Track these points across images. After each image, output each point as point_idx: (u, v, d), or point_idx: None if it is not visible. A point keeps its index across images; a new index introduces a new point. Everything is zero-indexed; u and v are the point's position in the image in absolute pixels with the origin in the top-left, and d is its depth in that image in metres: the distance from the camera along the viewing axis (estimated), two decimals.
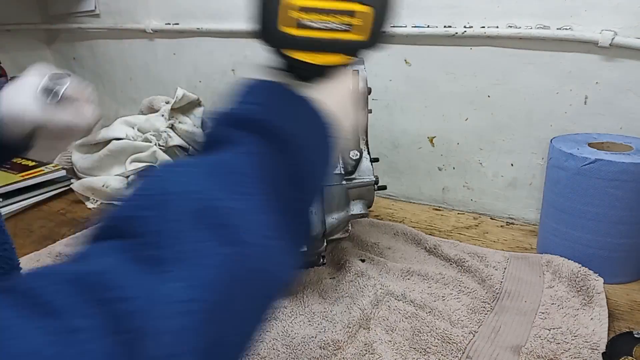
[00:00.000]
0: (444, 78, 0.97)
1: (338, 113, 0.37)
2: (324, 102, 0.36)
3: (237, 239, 0.26)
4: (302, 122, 0.34)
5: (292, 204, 0.31)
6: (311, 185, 0.33)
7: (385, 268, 0.76)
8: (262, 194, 0.29)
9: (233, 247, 0.25)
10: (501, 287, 0.71)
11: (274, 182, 0.30)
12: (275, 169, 0.30)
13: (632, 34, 0.78)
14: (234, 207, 0.27)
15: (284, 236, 0.29)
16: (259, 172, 0.29)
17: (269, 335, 0.62)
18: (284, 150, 0.31)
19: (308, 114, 0.35)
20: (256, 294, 0.27)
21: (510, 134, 0.93)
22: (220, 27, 1.22)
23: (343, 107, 0.40)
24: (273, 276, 0.29)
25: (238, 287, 0.25)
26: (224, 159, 0.30)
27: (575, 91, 0.85)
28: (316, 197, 0.36)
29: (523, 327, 0.63)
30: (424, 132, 1.03)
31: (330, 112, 0.36)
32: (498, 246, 0.85)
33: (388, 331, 0.63)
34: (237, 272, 0.25)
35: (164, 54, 1.38)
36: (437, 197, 1.06)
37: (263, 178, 0.29)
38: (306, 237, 0.34)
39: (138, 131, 1.17)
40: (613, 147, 0.76)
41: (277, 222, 0.29)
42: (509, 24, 0.87)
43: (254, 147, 0.31)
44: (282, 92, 0.35)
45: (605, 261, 0.72)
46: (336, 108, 0.38)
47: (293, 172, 0.31)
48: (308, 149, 0.33)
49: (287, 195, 0.31)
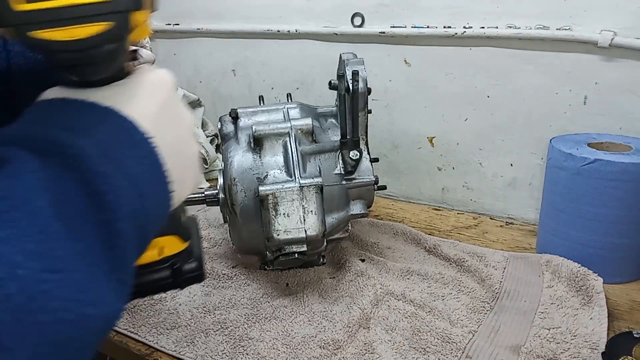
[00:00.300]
0: (443, 78, 0.97)
1: (149, 116, 0.31)
2: (122, 104, 0.30)
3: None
4: (89, 131, 0.28)
5: (92, 227, 0.25)
6: (121, 202, 0.27)
7: (385, 268, 0.76)
8: (30, 218, 0.23)
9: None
10: (501, 287, 0.71)
11: (56, 203, 0.24)
12: (58, 187, 0.25)
13: (632, 34, 0.78)
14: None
15: (76, 266, 0.24)
16: (27, 194, 0.24)
17: (269, 335, 0.62)
18: (68, 164, 0.26)
19: (94, 120, 0.29)
20: (40, 339, 0.22)
21: (510, 134, 0.94)
22: (220, 27, 1.22)
23: (157, 108, 0.33)
24: (61, 316, 0.22)
25: (8, 334, 0.20)
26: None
27: (575, 91, 0.85)
28: (148, 216, 0.29)
29: (522, 327, 0.63)
30: (424, 132, 1.03)
31: (136, 115, 0.30)
32: (497, 246, 0.85)
33: (388, 331, 0.63)
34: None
35: (164, 54, 1.38)
36: (437, 197, 1.06)
37: (31, 200, 0.24)
38: (128, 259, 0.27)
39: None
40: (612, 147, 0.76)
41: (62, 249, 0.23)
42: (509, 24, 0.88)
43: (22, 164, 0.25)
44: (61, 102, 0.30)
45: (605, 261, 0.72)
46: (144, 110, 0.31)
47: (87, 190, 0.26)
48: (104, 160, 0.27)
49: (82, 217, 0.25)
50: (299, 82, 1.16)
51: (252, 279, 0.75)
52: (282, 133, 0.72)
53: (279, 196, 0.66)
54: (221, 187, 0.73)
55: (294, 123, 0.73)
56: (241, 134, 0.74)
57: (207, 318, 0.66)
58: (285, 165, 0.70)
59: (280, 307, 0.68)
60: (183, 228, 0.42)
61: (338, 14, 1.04)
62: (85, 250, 0.24)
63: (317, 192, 0.67)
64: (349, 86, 0.68)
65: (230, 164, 0.71)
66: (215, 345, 0.61)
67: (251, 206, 0.69)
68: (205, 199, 0.75)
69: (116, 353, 0.65)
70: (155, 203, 0.30)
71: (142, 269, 0.37)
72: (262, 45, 1.18)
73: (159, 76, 0.35)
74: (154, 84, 0.34)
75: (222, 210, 0.75)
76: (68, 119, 0.28)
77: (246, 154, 0.71)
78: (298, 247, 0.66)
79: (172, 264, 0.40)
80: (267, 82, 1.21)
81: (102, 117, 0.29)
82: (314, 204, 0.66)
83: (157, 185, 0.31)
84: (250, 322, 0.65)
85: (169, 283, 0.40)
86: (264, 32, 1.15)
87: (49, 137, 0.26)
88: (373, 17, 1.01)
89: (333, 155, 0.72)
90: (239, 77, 1.26)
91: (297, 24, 1.10)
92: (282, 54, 1.16)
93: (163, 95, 0.34)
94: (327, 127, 0.79)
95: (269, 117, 0.77)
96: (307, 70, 1.13)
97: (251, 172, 0.70)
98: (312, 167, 0.71)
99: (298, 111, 0.77)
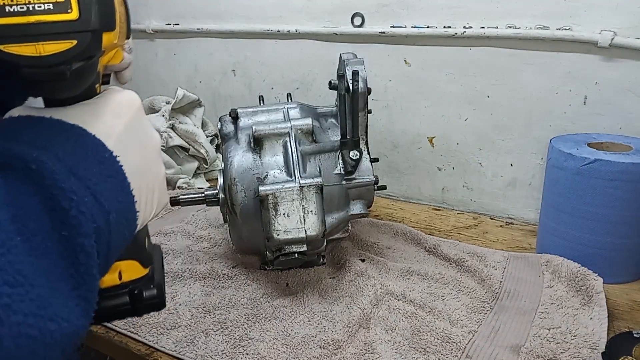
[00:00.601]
0: (443, 78, 0.97)
1: (115, 135, 0.31)
2: (89, 123, 0.30)
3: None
4: (54, 147, 0.28)
5: (55, 243, 0.25)
6: (85, 218, 0.26)
7: (385, 268, 0.76)
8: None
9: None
10: (501, 287, 0.71)
11: (17, 219, 0.24)
12: (19, 202, 0.25)
13: (632, 34, 0.78)
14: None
15: (37, 281, 0.23)
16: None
17: (269, 335, 0.62)
18: (31, 179, 0.26)
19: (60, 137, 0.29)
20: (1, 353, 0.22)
21: (510, 134, 0.94)
22: (220, 27, 1.22)
23: (124, 127, 0.33)
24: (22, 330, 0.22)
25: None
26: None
27: (575, 91, 0.85)
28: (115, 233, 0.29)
29: (522, 327, 0.63)
30: (424, 132, 1.03)
31: (102, 134, 0.30)
32: (497, 246, 0.85)
33: (388, 331, 0.63)
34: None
35: (164, 54, 1.38)
36: (437, 197, 1.06)
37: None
38: (92, 276, 0.27)
39: None
40: (612, 147, 0.76)
41: (22, 264, 0.23)
42: (509, 24, 0.88)
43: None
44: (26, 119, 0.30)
45: (605, 261, 0.72)
46: (111, 129, 0.31)
47: (50, 205, 0.25)
48: (68, 176, 0.27)
49: (44, 232, 0.25)
50: (299, 82, 1.16)
51: (252, 279, 0.75)
52: (282, 133, 0.72)
53: (279, 196, 0.66)
54: (221, 187, 0.73)
55: (294, 123, 0.73)
56: (241, 134, 0.74)
57: (207, 318, 0.66)
58: (285, 165, 0.70)
59: (280, 307, 0.68)
60: (145, 253, 0.41)
61: (338, 14, 1.04)
62: (48, 266, 0.24)
63: (317, 192, 0.67)
64: (349, 86, 0.68)
65: (230, 164, 0.71)
66: (215, 345, 0.61)
67: (251, 206, 0.69)
68: (205, 199, 0.75)
69: (116, 353, 0.65)
70: (120, 221, 0.30)
71: (100, 294, 0.36)
72: (262, 45, 1.18)
73: (126, 97, 0.35)
74: (121, 104, 0.34)
75: (222, 210, 0.75)
76: (32, 136, 0.28)
77: (246, 154, 0.71)
78: (298, 247, 0.66)
79: (132, 290, 0.39)
80: (267, 82, 1.21)
81: (67, 135, 0.29)
82: (314, 204, 0.66)
83: (122, 203, 0.30)
84: (250, 322, 0.65)
85: (127, 309, 0.39)
86: (264, 32, 1.15)
87: (12, 152, 0.26)
88: (373, 17, 1.01)
89: (333, 155, 0.73)
90: (239, 77, 1.26)
91: (297, 24, 1.10)
92: (282, 54, 1.16)
93: (130, 115, 0.34)
94: (327, 127, 0.79)
95: (269, 117, 0.77)
96: (307, 70, 1.13)
97: (251, 172, 0.70)
98: (312, 167, 0.71)
99: (298, 111, 0.77)
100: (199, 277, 0.75)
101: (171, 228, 0.91)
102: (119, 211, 0.30)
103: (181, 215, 0.97)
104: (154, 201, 0.35)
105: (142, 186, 0.33)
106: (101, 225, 0.27)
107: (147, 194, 0.34)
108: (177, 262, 0.80)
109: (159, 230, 0.90)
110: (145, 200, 0.33)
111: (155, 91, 1.38)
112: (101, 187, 0.28)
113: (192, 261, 0.80)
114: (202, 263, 0.79)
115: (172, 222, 0.95)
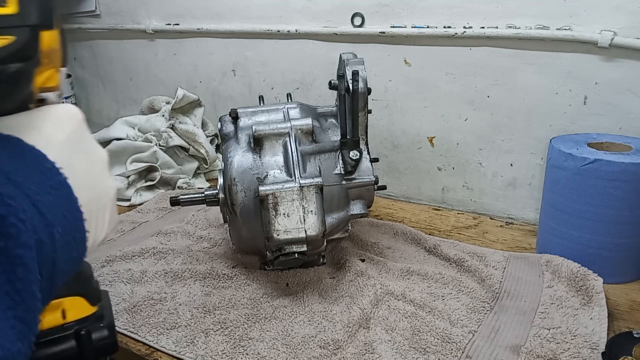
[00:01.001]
0: (443, 78, 0.97)
1: (56, 146, 0.29)
2: (28, 133, 0.28)
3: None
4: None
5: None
6: (24, 228, 0.23)
7: (385, 268, 0.76)
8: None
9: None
10: (501, 287, 0.71)
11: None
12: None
13: (632, 34, 0.78)
14: None
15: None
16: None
17: (269, 335, 0.62)
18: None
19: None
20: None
21: (510, 134, 0.94)
22: (220, 27, 1.22)
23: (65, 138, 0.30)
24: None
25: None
26: None
27: (575, 91, 0.85)
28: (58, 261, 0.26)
29: (522, 327, 0.63)
30: (424, 132, 1.03)
31: (42, 144, 0.28)
32: (497, 246, 0.85)
33: (388, 331, 0.63)
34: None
35: (164, 54, 1.38)
36: (437, 197, 1.06)
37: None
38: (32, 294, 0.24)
39: (138, 131, 1.17)
40: (612, 147, 0.76)
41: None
42: (509, 24, 0.88)
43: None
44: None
45: (605, 261, 0.72)
46: (51, 139, 0.29)
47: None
48: (5, 182, 0.24)
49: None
50: (299, 82, 1.16)
51: (252, 279, 0.75)
52: (282, 133, 0.72)
53: (279, 196, 0.66)
54: (221, 187, 0.73)
55: (294, 123, 0.73)
56: (241, 134, 0.74)
57: (207, 318, 0.66)
58: (285, 165, 0.70)
59: (280, 307, 0.68)
60: (92, 289, 0.37)
61: (338, 14, 1.04)
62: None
63: (317, 192, 0.67)
64: (349, 86, 0.68)
65: (230, 164, 0.71)
66: (215, 345, 0.61)
67: (251, 206, 0.69)
68: (205, 199, 0.75)
69: (116, 353, 0.65)
70: (66, 239, 0.27)
71: (41, 337, 0.32)
72: (262, 45, 1.18)
73: (66, 109, 0.32)
74: (60, 115, 0.31)
75: (222, 210, 0.75)
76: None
77: (246, 154, 0.71)
78: (298, 247, 0.66)
79: (78, 331, 0.35)
80: (267, 82, 1.21)
81: (3, 144, 0.26)
82: (314, 204, 0.66)
83: (69, 219, 0.27)
84: (250, 322, 0.65)
85: (74, 355, 0.34)
86: (264, 32, 1.15)
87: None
88: (373, 17, 1.01)
89: (333, 155, 0.73)
90: (239, 77, 1.26)
91: (297, 24, 1.10)
92: (282, 54, 1.16)
93: (71, 127, 0.31)
94: (327, 127, 0.79)
95: (269, 117, 0.77)
96: (307, 70, 1.14)
97: (251, 172, 0.70)
98: (312, 167, 0.71)
99: (298, 111, 0.77)
100: (199, 277, 0.75)
101: (171, 228, 0.91)
102: (66, 227, 0.27)
103: (181, 215, 0.97)
104: (105, 220, 0.32)
105: (91, 202, 0.30)
106: (44, 239, 0.24)
107: (97, 212, 0.31)
108: (177, 262, 0.80)
109: (159, 230, 0.91)
110: (96, 217, 0.31)
111: (155, 91, 1.38)
112: (44, 197, 0.25)
113: (192, 261, 0.80)
114: (202, 263, 0.79)
115: (172, 222, 0.95)
